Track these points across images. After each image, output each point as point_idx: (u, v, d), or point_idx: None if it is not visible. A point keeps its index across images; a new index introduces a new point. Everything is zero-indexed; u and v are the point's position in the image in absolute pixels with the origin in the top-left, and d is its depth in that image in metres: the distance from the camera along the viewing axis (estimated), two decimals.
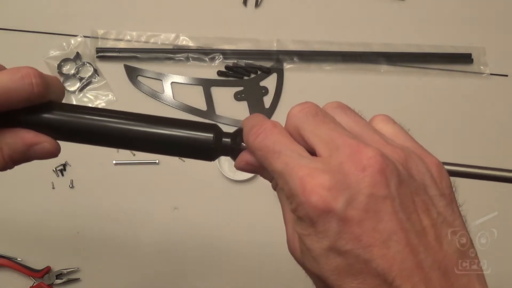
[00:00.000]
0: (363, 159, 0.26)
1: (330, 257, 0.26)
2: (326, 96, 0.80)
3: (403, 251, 0.25)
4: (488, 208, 0.70)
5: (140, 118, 0.34)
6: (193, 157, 0.34)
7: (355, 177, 0.26)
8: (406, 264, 0.25)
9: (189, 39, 0.81)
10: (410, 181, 0.27)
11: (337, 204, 0.25)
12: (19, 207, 0.72)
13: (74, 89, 0.77)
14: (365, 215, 0.25)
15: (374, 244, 0.25)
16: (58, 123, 0.33)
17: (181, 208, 0.72)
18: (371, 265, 0.25)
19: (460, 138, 0.79)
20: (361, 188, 0.26)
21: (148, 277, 0.70)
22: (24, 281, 0.68)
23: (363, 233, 0.25)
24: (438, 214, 0.27)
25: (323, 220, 0.26)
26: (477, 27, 0.85)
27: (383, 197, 0.26)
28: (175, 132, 0.33)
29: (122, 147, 0.35)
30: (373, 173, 0.26)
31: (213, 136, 0.33)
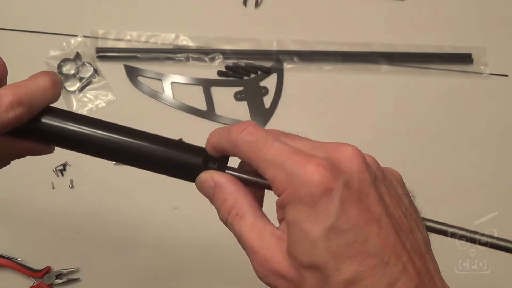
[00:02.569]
0: (347, 152, 0.28)
1: (330, 238, 0.26)
2: (326, 96, 0.80)
3: (391, 231, 0.27)
4: (488, 208, 0.70)
5: (132, 133, 0.35)
6: (178, 177, 0.35)
7: (346, 163, 0.28)
8: (396, 244, 0.27)
9: (189, 39, 0.81)
10: (383, 179, 0.30)
11: (338, 183, 0.27)
12: (19, 207, 0.72)
13: (74, 89, 0.77)
14: (360, 196, 0.27)
15: (370, 222, 0.26)
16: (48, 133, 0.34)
17: (181, 208, 0.72)
18: (369, 243, 0.26)
19: (460, 138, 0.79)
20: (353, 173, 0.28)
21: (148, 277, 0.70)
22: (24, 281, 0.68)
23: (360, 212, 0.26)
24: (406, 209, 0.30)
25: (326, 198, 0.26)
26: (477, 27, 0.85)
27: (369, 183, 0.28)
28: (166, 151, 0.34)
29: (110, 159, 0.35)
30: (359, 162, 0.28)
31: (202, 159, 0.34)
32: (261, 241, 0.30)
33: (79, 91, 0.77)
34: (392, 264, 0.26)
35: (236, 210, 0.31)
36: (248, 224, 0.30)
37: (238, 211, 0.31)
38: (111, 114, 0.76)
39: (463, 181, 0.77)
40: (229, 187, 0.32)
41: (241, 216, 0.31)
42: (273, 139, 0.29)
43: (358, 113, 0.79)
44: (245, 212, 0.31)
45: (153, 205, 0.72)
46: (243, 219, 0.31)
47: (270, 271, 0.29)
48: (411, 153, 0.78)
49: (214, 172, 0.33)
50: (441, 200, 0.75)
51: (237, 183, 0.32)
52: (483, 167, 0.77)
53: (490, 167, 0.78)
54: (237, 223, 0.31)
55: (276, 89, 0.80)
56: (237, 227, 0.31)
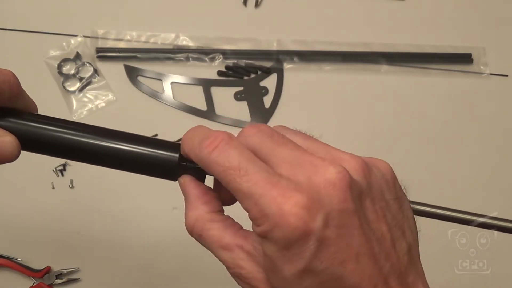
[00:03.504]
0: (330, 176, 0.26)
1: (303, 278, 0.26)
2: (326, 96, 0.80)
3: (369, 262, 0.26)
4: (488, 208, 0.70)
5: (100, 132, 0.33)
6: (155, 176, 0.33)
7: (326, 193, 0.26)
8: (372, 274, 0.26)
9: (189, 39, 0.81)
10: (369, 190, 0.27)
11: (315, 224, 0.25)
12: (19, 207, 0.72)
13: (74, 89, 0.77)
14: (339, 231, 0.25)
15: (347, 260, 0.25)
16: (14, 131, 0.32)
17: (180, 208, 0.71)
18: (343, 281, 0.25)
19: (460, 138, 0.79)
20: (333, 204, 0.26)
21: (148, 277, 0.70)
22: (24, 281, 0.68)
23: (338, 250, 0.25)
24: (392, 218, 0.28)
25: (301, 242, 0.25)
26: (477, 27, 0.85)
27: (352, 212, 0.26)
28: (140, 149, 0.32)
29: (80, 160, 0.34)
30: (342, 188, 0.26)
31: (178, 156, 0.32)
32: (232, 258, 0.29)
33: (79, 91, 0.77)
34: None
35: (197, 230, 0.30)
36: (214, 243, 0.30)
37: (200, 231, 0.30)
38: (111, 114, 0.76)
39: (463, 181, 0.77)
40: (194, 202, 0.31)
41: (205, 237, 0.30)
42: (247, 166, 0.27)
43: (358, 113, 0.79)
44: (207, 232, 0.30)
45: (152, 205, 0.72)
46: (208, 238, 0.30)
47: (248, 285, 0.29)
48: (411, 153, 0.78)
49: (187, 180, 0.32)
50: (441, 200, 0.74)
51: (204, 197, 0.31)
52: (483, 167, 0.77)
53: (490, 167, 0.78)
54: (204, 242, 0.30)
55: (276, 89, 0.80)
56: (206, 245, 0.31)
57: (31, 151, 0.33)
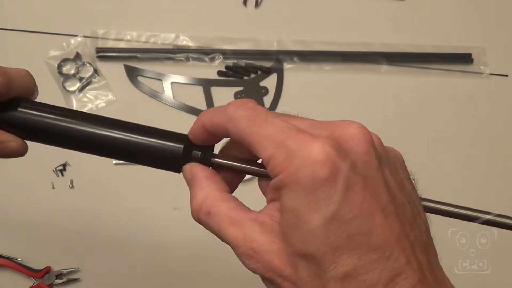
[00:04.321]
0: (354, 130, 0.26)
1: (330, 228, 0.24)
2: (326, 96, 0.80)
3: (396, 222, 0.25)
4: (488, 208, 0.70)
5: (107, 122, 0.33)
6: (160, 167, 0.33)
7: (351, 144, 0.25)
8: (400, 236, 0.25)
9: (189, 39, 0.81)
10: (387, 161, 0.27)
11: (344, 165, 0.24)
12: (19, 207, 0.72)
13: (74, 89, 0.77)
14: (365, 181, 0.25)
15: (375, 213, 0.24)
16: (21, 121, 0.32)
17: (181, 208, 0.72)
18: (372, 235, 0.24)
19: (460, 138, 0.79)
20: (360, 154, 0.25)
21: (148, 277, 0.70)
22: (24, 281, 0.68)
23: (365, 200, 0.24)
24: (409, 195, 0.28)
25: (329, 183, 0.24)
26: (477, 27, 0.85)
27: (376, 167, 0.26)
28: (145, 140, 0.32)
29: (85, 151, 0.34)
30: (367, 143, 0.26)
31: (183, 148, 0.32)
32: (243, 233, 0.27)
33: (79, 91, 0.77)
34: (394, 259, 0.24)
35: (206, 208, 0.29)
36: (224, 219, 0.28)
37: (210, 208, 0.29)
38: (111, 114, 0.75)
39: (463, 181, 0.77)
40: (202, 182, 0.30)
41: (214, 213, 0.28)
42: (274, 116, 0.27)
43: (358, 113, 0.79)
44: (217, 208, 0.28)
45: (153, 205, 0.72)
46: (217, 215, 0.28)
47: (260, 263, 0.27)
48: (410, 153, 0.77)
49: (194, 165, 0.31)
50: (441, 200, 0.75)
51: (212, 177, 0.30)
52: (483, 167, 0.77)
53: (490, 167, 0.78)
54: (212, 221, 0.29)
55: (276, 89, 0.80)
56: (213, 225, 0.29)
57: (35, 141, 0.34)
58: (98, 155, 0.33)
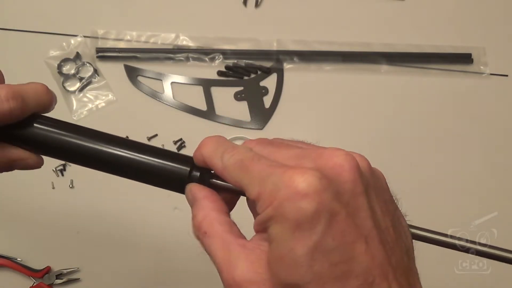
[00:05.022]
0: (338, 159, 0.26)
1: (314, 257, 0.25)
2: (326, 96, 0.80)
3: (378, 248, 0.26)
4: (488, 208, 0.70)
5: (117, 141, 0.34)
6: (166, 188, 0.34)
7: (335, 172, 0.26)
8: (383, 261, 0.26)
9: (189, 39, 0.81)
10: (374, 184, 0.28)
11: (327, 195, 0.25)
12: (19, 207, 0.72)
13: (74, 89, 0.77)
14: (349, 210, 0.25)
15: (357, 241, 0.25)
16: (38, 139, 0.34)
17: (181, 208, 0.72)
18: (354, 262, 0.25)
19: (460, 138, 0.79)
20: (343, 183, 0.26)
21: (148, 277, 0.70)
22: (24, 281, 0.68)
23: (348, 228, 0.25)
24: (393, 217, 0.28)
25: (312, 215, 0.24)
26: (477, 27, 0.85)
27: (361, 193, 0.26)
28: (156, 161, 0.33)
29: (97, 168, 0.35)
30: (351, 170, 0.26)
31: (189, 170, 0.33)
32: (228, 259, 0.28)
33: (79, 91, 0.77)
34: (376, 284, 0.25)
35: (204, 228, 0.30)
36: (216, 241, 0.29)
37: (206, 228, 0.30)
38: (111, 114, 0.76)
39: (463, 181, 0.77)
40: (202, 202, 0.31)
41: (209, 234, 0.30)
42: (259, 157, 0.28)
43: (358, 113, 0.79)
44: (214, 229, 0.30)
45: (153, 205, 0.72)
46: (211, 236, 0.29)
47: None
48: (410, 153, 0.78)
49: (193, 186, 0.32)
50: (441, 200, 0.75)
51: (212, 197, 0.32)
52: (483, 167, 0.77)
53: (490, 167, 0.78)
54: (206, 241, 0.30)
55: (276, 89, 0.80)
56: (206, 245, 0.30)
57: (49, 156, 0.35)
58: (107, 172, 0.35)
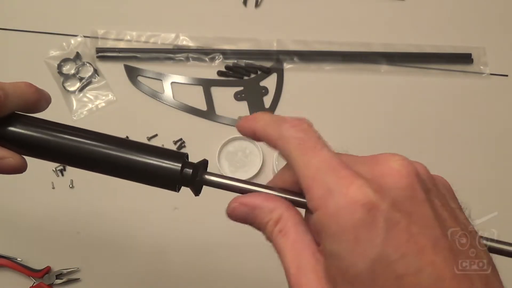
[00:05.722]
0: (394, 163, 0.25)
1: (376, 271, 0.23)
2: (326, 96, 0.80)
3: (449, 257, 0.23)
4: (488, 208, 0.70)
5: (106, 139, 0.32)
6: (158, 186, 0.32)
7: (392, 179, 0.24)
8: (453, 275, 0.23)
9: (189, 39, 0.81)
10: (437, 191, 0.26)
11: (384, 204, 0.23)
12: (19, 207, 0.72)
13: (74, 89, 0.77)
14: (411, 217, 0.23)
15: (424, 249, 0.23)
16: (19, 138, 0.32)
17: (181, 208, 0.72)
18: (422, 274, 0.22)
19: (460, 138, 0.79)
20: (402, 190, 0.24)
21: (148, 277, 0.70)
22: (24, 281, 0.68)
23: (411, 237, 0.23)
24: (464, 225, 0.26)
25: (370, 225, 0.23)
26: (477, 27, 0.85)
27: (422, 200, 0.24)
28: (143, 159, 0.32)
29: (81, 167, 0.33)
30: (409, 176, 0.25)
31: (181, 167, 0.31)
32: (298, 264, 0.26)
33: (79, 91, 0.77)
34: None
35: (280, 226, 0.28)
36: (289, 242, 0.27)
37: (283, 227, 0.28)
38: (111, 114, 0.76)
39: (463, 181, 0.76)
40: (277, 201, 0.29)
41: (285, 233, 0.28)
42: (323, 145, 0.26)
43: (358, 113, 0.79)
44: (288, 229, 0.28)
45: (153, 205, 0.72)
46: (286, 236, 0.27)
47: None
48: (410, 153, 0.77)
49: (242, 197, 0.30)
50: None
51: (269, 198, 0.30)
52: (483, 167, 0.77)
53: (490, 167, 0.78)
54: (279, 240, 0.28)
55: (276, 89, 0.80)
56: (278, 244, 0.28)
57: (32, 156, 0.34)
58: (92, 171, 0.33)
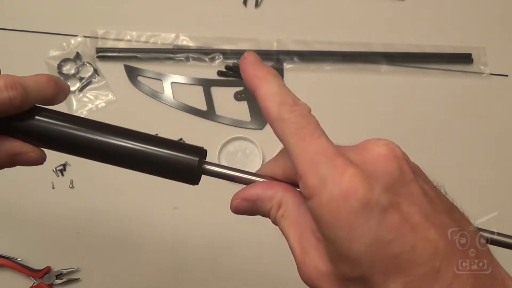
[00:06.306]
0: (381, 149, 0.26)
1: (374, 252, 0.24)
2: (326, 96, 0.80)
3: (440, 231, 0.25)
4: (488, 208, 0.70)
5: (125, 133, 0.33)
6: (175, 179, 0.33)
7: (381, 163, 0.25)
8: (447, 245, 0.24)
9: (189, 39, 0.81)
10: (419, 173, 0.27)
11: (375, 189, 0.24)
12: (19, 207, 0.72)
13: (74, 89, 0.77)
14: (401, 198, 0.25)
15: (416, 226, 0.24)
16: (40, 132, 0.32)
17: (181, 208, 0.72)
18: (417, 251, 0.24)
19: (460, 138, 0.79)
20: (391, 173, 0.25)
21: (148, 277, 0.70)
22: (24, 281, 0.68)
23: (403, 218, 0.24)
24: (448, 200, 0.28)
25: (364, 211, 0.24)
26: (477, 27, 0.85)
27: (411, 180, 0.25)
28: (162, 151, 0.32)
29: (101, 160, 0.34)
30: (395, 158, 0.26)
31: (198, 160, 0.32)
32: (301, 244, 0.27)
33: (79, 91, 0.77)
34: (444, 270, 0.24)
35: (282, 211, 0.29)
36: (291, 224, 0.28)
37: (284, 210, 0.29)
38: (111, 114, 0.76)
39: (463, 181, 0.77)
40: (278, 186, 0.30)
41: (286, 216, 0.29)
42: (321, 132, 0.27)
43: (358, 113, 0.79)
44: (290, 211, 0.28)
45: (153, 205, 0.72)
46: (288, 219, 0.28)
47: (309, 278, 0.27)
48: (410, 153, 0.77)
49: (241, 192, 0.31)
50: None
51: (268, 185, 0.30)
52: (483, 167, 0.77)
53: (490, 167, 0.78)
54: (282, 223, 0.29)
55: None
56: (282, 227, 0.29)
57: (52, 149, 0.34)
58: (111, 164, 0.34)
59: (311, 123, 0.27)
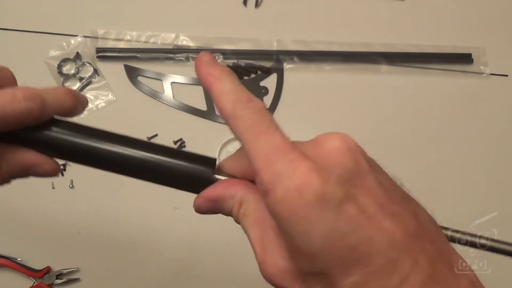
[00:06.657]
0: (334, 142, 0.26)
1: (332, 244, 0.24)
2: (326, 96, 0.80)
3: (397, 221, 0.25)
4: (488, 208, 0.70)
5: (139, 144, 0.33)
6: (187, 190, 0.33)
7: (336, 156, 0.25)
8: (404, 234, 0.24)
9: (189, 39, 0.81)
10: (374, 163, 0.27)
11: (331, 182, 0.24)
12: (19, 207, 0.72)
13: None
14: (356, 190, 0.25)
15: (373, 217, 0.24)
16: (57, 144, 0.33)
17: (181, 208, 0.72)
18: (374, 242, 0.24)
19: (460, 138, 0.79)
20: (345, 165, 0.25)
21: (148, 277, 0.70)
22: (24, 281, 0.68)
23: (360, 209, 0.24)
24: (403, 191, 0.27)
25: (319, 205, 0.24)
26: (477, 27, 0.85)
27: (366, 172, 0.25)
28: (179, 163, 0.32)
29: (119, 172, 0.33)
30: (349, 150, 0.26)
31: (213, 171, 0.32)
32: (262, 241, 0.27)
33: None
34: (402, 260, 0.24)
35: (243, 209, 0.29)
36: (251, 222, 0.28)
37: (245, 209, 0.29)
38: (111, 114, 0.76)
39: (463, 181, 0.77)
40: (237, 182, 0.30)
41: (248, 214, 0.29)
42: (276, 128, 0.27)
43: (358, 113, 0.79)
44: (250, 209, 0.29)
45: (153, 205, 0.72)
46: (249, 217, 0.29)
47: (270, 276, 0.27)
48: (410, 153, 0.78)
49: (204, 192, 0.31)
50: (441, 200, 0.75)
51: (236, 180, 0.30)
52: (483, 167, 0.77)
53: (490, 167, 0.78)
54: (244, 222, 0.29)
55: (276, 89, 0.80)
56: (243, 226, 0.29)
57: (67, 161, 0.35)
58: (129, 176, 0.34)
59: (265, 118, 0.27)
